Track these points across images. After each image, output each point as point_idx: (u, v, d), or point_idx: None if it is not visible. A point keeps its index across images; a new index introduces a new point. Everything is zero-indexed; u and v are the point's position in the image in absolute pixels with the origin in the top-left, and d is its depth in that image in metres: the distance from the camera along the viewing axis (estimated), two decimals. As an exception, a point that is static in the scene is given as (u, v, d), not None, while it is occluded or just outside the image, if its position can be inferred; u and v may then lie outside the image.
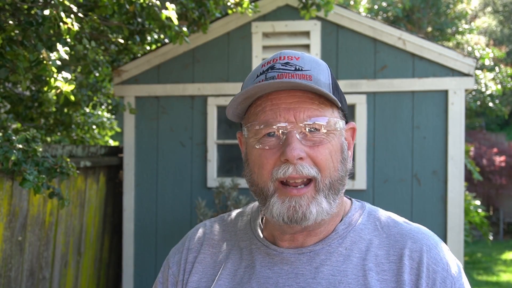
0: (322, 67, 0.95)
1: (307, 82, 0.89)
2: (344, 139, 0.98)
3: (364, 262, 0.94)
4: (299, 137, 0.91)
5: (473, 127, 14.47)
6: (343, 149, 0.96)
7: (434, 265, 0.93)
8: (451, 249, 3.80)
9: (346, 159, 0.97)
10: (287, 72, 0.91)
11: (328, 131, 0.92)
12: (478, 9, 21.80)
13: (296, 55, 0.95)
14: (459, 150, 3.83)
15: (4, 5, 2.55)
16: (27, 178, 2.24)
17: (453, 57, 3.84)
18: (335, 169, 0.93)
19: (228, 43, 4.15)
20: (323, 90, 0.88)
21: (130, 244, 4.19)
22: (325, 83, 0.93)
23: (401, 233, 0.98)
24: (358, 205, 1.04)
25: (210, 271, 1.02)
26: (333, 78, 0.96)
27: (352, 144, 1.01)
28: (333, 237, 0.97)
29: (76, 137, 4.68)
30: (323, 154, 0.91)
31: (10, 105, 3.97)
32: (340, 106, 0.95)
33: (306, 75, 0.91)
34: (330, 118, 0.92)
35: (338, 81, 3.92)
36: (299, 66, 0.92)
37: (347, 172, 0.97)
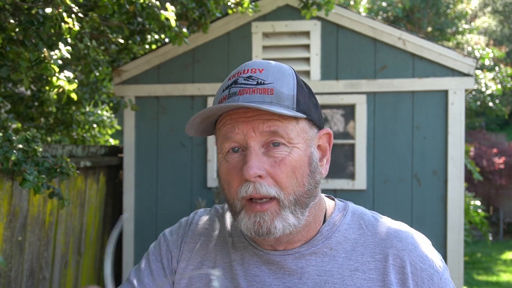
0: (287, 78, 0.91)
1: (259, 104, 0.85)
2: (315, 148, 0.94)
3: (350, 262, 0.95)
4: (261, 151, 0.88)
5: (473, 127, 14.47)
6: (311, 161, 0.92)
7: (421, 263, 0.94)
8: (451, 249, 3.80)
9: (315, 170, 0.93)
10: (248, 87, 0.89)
11: (292, 144, 0.89)
12: (478, 9, 21.80)
13: (260, 67, 0.92)
14: (459, 150, 3.83)
15: (4, 4, 2.55)
16: (27, 178, 2.24)
17: (453, 57, 3.84)
18: (299, 185, 0.90)
19: (228, 43, 4.15)
20: (276, 110, 0.84)
21: (130, 244, 4.19)
22: (288, 94, 0.89)
23: (386, 232, 0.98)
24: (341, 206, 1.03)
25: (197, 259, 1.02)
26: (300, 87, 0.92)
27: (328, 149, 0.98)
28: (318, 239, 0.97)
29: (77, 136, 4.68)
30: (284, 173, 0.88)
31: (11, 104, 3.97)
32: (308, 116, 0.91)
33: (267, 89, 0.88)
34: (293, 130, 0.89)
35: (338, 81, 3.94)
36: (261, 79, 0.89)
37: (317, 183, 0.94)
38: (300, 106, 0.90)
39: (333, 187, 3.95)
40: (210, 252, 1.02)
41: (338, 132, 4.05)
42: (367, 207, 3.95)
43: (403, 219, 3.94)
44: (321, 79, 4.01)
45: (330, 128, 4.05)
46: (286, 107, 0.88)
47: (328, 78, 4.01)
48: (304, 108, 0.91)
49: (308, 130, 0.92)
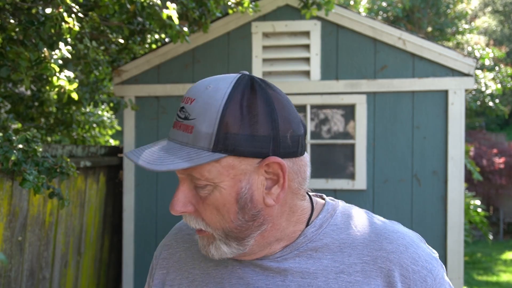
0: (211, 111, 0.83)
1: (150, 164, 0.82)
2: (252, 180, 0.86)
3: (335, 264, 0.92)
4: (191, 186, 0.87)
5: (473, 127, 14.48)
6: (240, 197, 0.86)
7: (413, 265, 0.90)
8: (451, 249, 3.80)
9: (245, 206, 0.86)
10: (178, 121, 0.86)
11: (214, 183, 0.85)
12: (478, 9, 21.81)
13: (194, 96, 0.86)
14: (459, 150, 3.83)
15: (4, 4, 2.55)
16: (27, 178, 2.24)
17: (453, 57, 3.84)
18: (227, 221, 0.87)
19: (228, 43, 4.15)
20: (158, 169, 0.81)
21: (130, 244, 4.19)
22: (206, 133, 0.82)
23: (376, 232, 0.94)
24: (331, 205, 1.00)
25: (184, 267, 1.02)
26: (233, 118, 0.83)
27: (281, 176, 0.87)
28: (302, 241, 0.94)
29: (77, 136, 4.69)
30: (207, 211, 0.87)
31: (11, 105, 3.97)
32: (232, 154, 0.83)
33: (188, 126, 0.84)
34: (211, 170, 0.84)
35: (338, 81, 3.94)
36: (188, 113, 0.85)
37: (254, 217, 0.87)
38: (219, 144, 0.82)
39: (333, 187, 3.95)
40: (194, 258, 1.02)
41: (338, 132, 4.05)
42: (367, 207, 3.95)
43: (403, 219, 3.94)
44: (321, 79, 4.01)
45: (330, 128, 4.06)
46: (200, 149, 0.83)
47: (328, 78, 4.01)
48: (228, 144, 0.83)
49: (238, 164, 0.84)
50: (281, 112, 0.87)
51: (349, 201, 1.07)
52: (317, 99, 4.02)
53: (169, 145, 0.86)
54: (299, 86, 4.02)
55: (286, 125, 0.87)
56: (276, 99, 0.87)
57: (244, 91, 0.85)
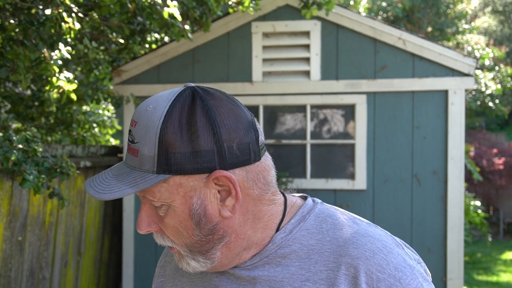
0: (150, 134, 0.83)
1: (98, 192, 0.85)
2: (203, 195, 0.85)
3: (302, 272, 0.89)
4: (154, 206, 0.88)
5: (473, 127, 14.48)
6: (193, 214, 0.85)
7: (378, 272, 0.85)
8: (451, 249, 3.80)
9: (200, 221, 0.86)
10: (128, 143, 0.87)
11: (167, 203, 0.85)
12: (478, 9, 21.81)
13: (137, 119, 0.86)
14: (459, 150, 3.83)
15: (4, 4, 2.55)
16: (27, 178, 2.24)
17: (453, 57, 3.84)
18: (187, 237, 0.87)
19: (228, 43, 4.15)
20: (103, 197, 0.84)
21: (130, 244, 4.19)
22: (149, 156, 0.83)
23: (344, 237, 0.89)
24: (307, 209, 0.95)
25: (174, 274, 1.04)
26: (172, 138, 0.82)
27: (233, 188, 0.85)
28: (270, 248, 0.91)
29: (77, 136, 4.68)
30: (168, 230, 0.88)
31: (11, 104, 3.97)
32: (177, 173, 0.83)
33: (135, 149, 0.85)
34: (160, 191, 0.85)
35: (338, 81, 3.94)
36: (133, 137, 0.86)
37: (211, 230, 0.87)
38: (163, 166, 0.82)
39: (333, 187, 3.95)
40: (177, 271, 1.03)
41: (338, 132, 4.05)
42: (367, 207, 3.95)
43: (403, 219, 3.95)
44: (321, 79, 4.01)
45: (330, 128, 4.06)
46: (145, 172, 0.83)
47: (328, 78, 4.01)
48: (172, 163, 0.82)
49: (186, 182, 0.84)
50: (225, 122, 0.83)
51: (349, 201, 1.06)
52: (317, 99, 4.02)
53: (121, 170, 0.88)
54: (299, 86, 4.02)
55: (231, 134, 0.84)
56: (219, 109, 0.84)
57: (183, 106, 0.83)
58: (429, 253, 3.84)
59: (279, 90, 4.04)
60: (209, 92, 0.86)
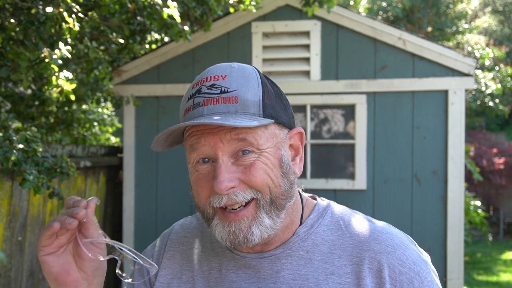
0: (252, 82, 0.89)
1: (225, 116, 0.85)
2: (286, 149, 0.93)
3: (326, 266, 0.92)
4: (230, 161, 0.87)
5: (473, 127, 14.47)
6: (283, 163, 0.91)
7: (400, 266, 0.91)
8: (451, 249, 3.80)
9: (288, 171, 0.92)
10: (212, 96, 0.87)
11: (261, 150, 0.88)
12: (478, 9, 21.81)
13: (223, 73, 0.89)
14: (459, 150, 3.83)
15: (4, 4, 2.55)
16: (27, 178, 2.24)
17: (453, 57, 3.84)
18: (275, 186, 0.89)
19: (228, 43, 4.15)
20: (239, 124, 0.83)
21: (130, 244, 4.19)
22: (253, 101, 0.88)
23: (365, 233, 0.95)
24: (322, 206, 1.01)
25: (177, 268, 1.02)
26: (266, 89, 0.90)
27: (300, 148, 0.97)
28: (294, 240, 0.95)
29: (77, 135, 4.68)
30: (257, 177, 0.87)
31: (11, 104, 3.96)
32: (276, 120, 0.90)
33: (231, 97, 0.87)
34: (261, 136, 0.88)
35: (338, 81, 3.94)
36: (225, 87, 0.88)
37: (292, 184, 0.93)
38: (266, 111, 0.89)
39: (333, 187, 3.94)
40: (189, 261, 1.03)
41: (338, 132, 4.05)
42: (367, 207, 3.94)
43: (403, 219, 3.94)
44: (321, 79, 4.01)
45: (330, 128, 4.06)
46: (252, 115, 0.87)
47: (328, 78, 4.01)
48: (271, 112, 0.89)
49: (278, 132, 0.91)
50: (286, 99, 0.97)
51: (349, 201, 1.07)
52: (317, 99, 4.02)
53: (219, 115, 0.86)
54: (299, 86, 4.02)
55: (290, 108, 0.97)
56: (281, 91, 0.98)
57: (262, 75, 0.93)
58: (429, 253, 3.83)
59: (279, 90, 4.04)
60: None
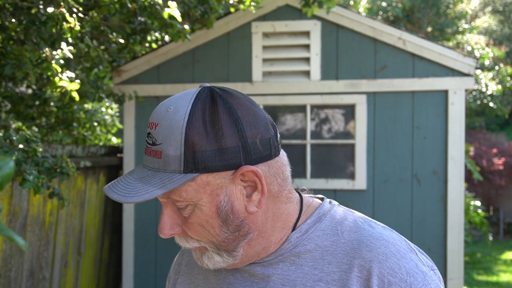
0: (175, 133, 0.83)
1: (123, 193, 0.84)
2: (230, 192, 0.86)
3: (315, 272, 0.90)
4: (175, 208, 0.88)
5: (473, 127, 14.48)
6: (220, 211, 0.86)
7: (390, 276, 0.86)
8: (451, 249, 3.80)
9: (228, 218, 0.87)
10: (148, 147, 0.86)
11: (194, 202, 0.85)
12: (478, 9, 21.81)
13: (157, 121, 0.85)
14: (459, 150, 3.83)
15: (5, 4, 2.55)
16: (27, 178, 2.24)
17: (453, 57, 3.84)
18: (213, 236, 0.87)
19: (228, 43, 4.15)
20: (135, 200, 0.81)
21: (130, 244, 4.19)
22: (174, 156, 0.83)
23: (359, 240, 0.90)
24: (323, 210, 0.97)
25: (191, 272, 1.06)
26: (198, 137, 0.82)
27: (258, 183, 0.87)
28: (286, 247, 0.93)
29: (78, 135, 4.68)
30: (193, 229, 0.88)
31: (11, 104, 3.96)
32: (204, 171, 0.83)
33: (157, 151, 0.84)
34: (187, 190, 0.84)
35: (338, 81, 3.94)
36: (154, 139, 0.85)
37: (238, 226, 0.88)
38: (189, 165, 0.83)
39: (333, 187, 3.95)
40: (192, 268, 1.05)
41: (338, 132, 4.05)
42: (367, 207, 3.95)
43: (403, 219, 3.95)
44: (321, 79, 4.01)
45: (330, 128, 4.06)
46: (172, 172, 0.83)
47: (328, 78, 4.01)
48: (199, 162, 0.83)
49: (212, 180, 0.84)
50: (246, 119, 0.85)
51: (349, 201, 1.06)
52: (317, 99, 4.02)
53: (142, 173, 0.86)
54: (299, 86, 4.02)
55: (253, 130, 0.85)
56: (239, 107, 0.86)
57: (204, 105, 0.84)
58: (429, 253, 3.84)
59: (279, 90, 4.04)
60: (227, 91, 0.88)
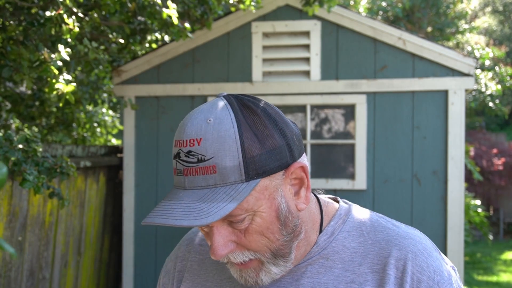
0: (228, 143, 0.81)
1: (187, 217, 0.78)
2: (285, 191, 0.87)
3: (346, 274, 0.91)
4: (224, 225, 0.85)
5: (473, 127, 14.47)
6: (280, 214, 0.86)
7: (419, 273, 0.89)
8: (451, 249, 3.80)
9: (287, 219, 0.87)
10: (190, 166, 0.81)
11: (253, 212, 0.83)
12: (478, 9, 21.81)
13: (198, 135, 0.81)
14: (459, 150, 3.83)
15: (5, 4, 2.55)
16: (27, 178, 2.23)
17: (453, 57, 3.84)
18: (273, 242, 0.86)
19: (228, 43, 4.15)
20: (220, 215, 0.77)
21: (130, 244, 4.19)
22: (233, 166, 0.80)
23: (387, 239, 0.92)
24: (344, 210, 0.98)
25: (197, 279, 1.01)
26: (248, 142, 0.82)
27: (305, 178, 0.89)
28: (314, 250, 0.93)
29: (77, 136, 4.68)
30: (252, 241, 0.85)
31: (11, 104, 3.96)
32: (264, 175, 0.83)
33: (209, 167, 0.80)
34: (248, 201, 0.82)
35: (338, 81, 3.94)
36: (201, 155, 0.80)
37: (294, 227, 0.88)
38: (250, 172, 0.81)
39: (333, 187, 3.95)
40: (207, 271, 1.01)
41: (338, 132, 4.05)
42: (367, 207, 3.96)
43: (403, 219, 3.94)
44: (321, 79, 4.01)
45: (330, 128, 4.06)
46: (233, 184, 0.81)
47: (328, 78, 4.01)
48: (257, 168, 0.82)
49: (269, 182, 0.84)
50: (279, 119, 0.87)
51: (349, 201, 1.06)
52: (317, 99, 4.02)
53: (195, 195, 0.81)
54: (299, 86, 4.02)
55: (288, 128, 0.88)
56: (270, 109, 0.87)
57: (243, 112, 0.84)
58: (429, 253, 3.84)
59: (279, 90, 4.04)
60: (249, 96, 0.89)
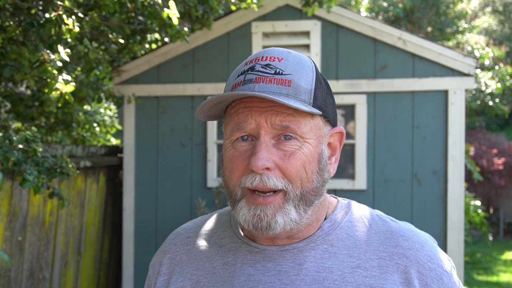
0: (306, 70, 0.89)
1: (277, 96, 0.83)
2: (326, 145, 0.92)
3: (351, 259, 0.92)
4: (271, 143, 0.86)
5: (473, 127, 14.47)
6: (322, 158, 0.90)
7: (429, 262, 0.93)
8: (451, 249, 3.80)
9: (324, 168, 0.91)
10: (265, 75, 0.86)
11: (304, 139, 0.87)
12: (478, 9, 21.82)
13: (280, 55, 0.89)
14: (459, 150, 3.83)
15: (4, 4, 2.55)
16: (27, 178, 2.23)
17: (453, 57, 3.84)
18: (308, 180, 0.88)
19: (228, 43, 4.15)
20: (292, 105, 0.82)
21: (130, 244, 4.19)
22: (306, 88, 0.87)
23: (391, 231, 0.96)
24: (344, 204, 1.01)
25: (186, 269, 1.00)
26: (318, 81, 0.90)
27: (338, 148, 0.95)
28: (318, 234, 0.94)
29: (77, 136, 4.68)
30: (294, 166, 0.86)
31: (11, 104, 3.96)
32: (324, 113, 0.89)
33: (285, 80, 0.86)
34: (306, 125, 0.87)
35: (338, 81, 3.94)
36: (279, 69, 0.87)
37: (324, 182, 0.92)
38: (317, 101, 0.88)
39: (333, 187, 3.94)
40: (196, 260, 1.00)
41: (338, 132, 4.05)
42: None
43: (403, 219, 3.92)
44: (321, 79, 4.01)
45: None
46: (303, 101, 0.86)
47: (328, 78, 4.01)
48: (321, 104, 0.89)
49: (322, 126, 0.90)
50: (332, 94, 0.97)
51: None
52: (317, 99, 4.02)
53: (271, 93, 0.85)
54: (299, 86, 4.01)
55: (335, 102, 0.96)
56: None
57: (315, 67, 0.93)
58: (429, 253, 3.85)
59: (279, 90, 4.04)
60: None
